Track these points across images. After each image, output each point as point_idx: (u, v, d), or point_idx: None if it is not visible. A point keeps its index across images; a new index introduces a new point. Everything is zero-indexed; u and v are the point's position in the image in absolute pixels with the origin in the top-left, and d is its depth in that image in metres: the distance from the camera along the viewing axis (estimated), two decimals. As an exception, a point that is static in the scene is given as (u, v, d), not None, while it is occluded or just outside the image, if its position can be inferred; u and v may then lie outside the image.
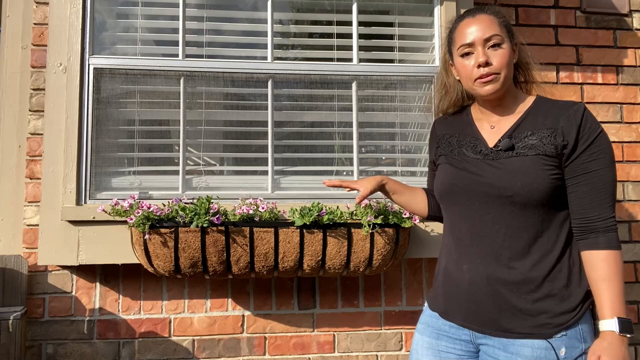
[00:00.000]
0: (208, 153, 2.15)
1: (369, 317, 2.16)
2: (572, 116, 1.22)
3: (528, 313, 1.20)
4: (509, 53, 1.28)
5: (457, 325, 1.30)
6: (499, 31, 1.27)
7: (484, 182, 1.26)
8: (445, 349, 1.31)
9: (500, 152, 1.27)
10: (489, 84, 1.27)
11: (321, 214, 1.81)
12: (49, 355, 1.99)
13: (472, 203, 1.28)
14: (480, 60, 1.26)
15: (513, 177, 1.22)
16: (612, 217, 1.21)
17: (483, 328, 1.25)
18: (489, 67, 1.26)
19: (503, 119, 1.33)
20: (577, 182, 1.21)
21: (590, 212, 1.20)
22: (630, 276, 2.35)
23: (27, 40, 2.08)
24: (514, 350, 1.19)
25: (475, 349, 1.29)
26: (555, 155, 1.21)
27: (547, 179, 1.20)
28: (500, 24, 1.30)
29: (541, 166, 1.21)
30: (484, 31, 1.27)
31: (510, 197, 1.22)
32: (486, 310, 1.24)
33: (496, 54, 1.26)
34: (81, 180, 1.97)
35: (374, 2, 2.27)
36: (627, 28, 2.48)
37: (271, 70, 2.13)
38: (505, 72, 1.27)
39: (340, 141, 2.20)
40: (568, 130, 1.21)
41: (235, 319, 2.09)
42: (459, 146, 1.36)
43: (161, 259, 1.78)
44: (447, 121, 1.47)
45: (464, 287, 1.27)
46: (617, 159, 2.39)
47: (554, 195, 1.22)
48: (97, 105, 2.03)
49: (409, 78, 2.23)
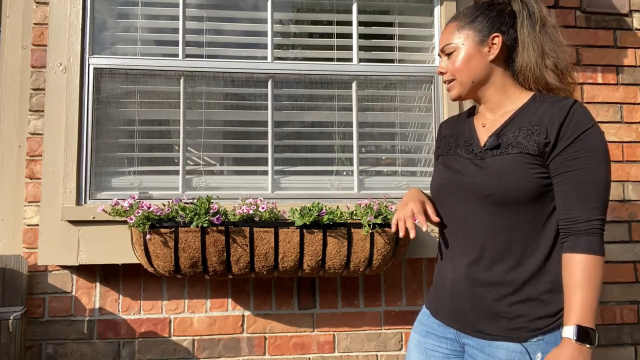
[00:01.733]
0: (208, 153, 2.15)
1: (369, 317, 2.16)
2: (557, 112, 1.17)
3: (504, 315, 1.18)
4: (463, 56, 1.28)
5: (443, 324, 1.31)
6: (454, 38, 1.30)
7: (466, 182, 1.26)
8: (431, 347, 1.33)
9: (487, 151, 1.25)
10: (450, 90, 1.34)
11: (321, 214, 1.81)
12: (49, 355, 1.99)
13: (457, 203, 1.28)
14: (437, 70, 1.36)
15: (492, 176, 1.21)
16: (598, 220, 1.13)
17: (463, 328, 1.25)
18: (444, 75, 1.34)
19: (496, 118, 1.31)
20: (559, 181, 1.16)
21: (572, 213, 1.15)
22: (630, 276, 2.34)
23: (27, 40, 2.08)
24: (490, 352, 1.19)
25: (461, 347, 1.29)
26: (538, 153, 1.17)
27: (529, 177, 1.17)
28: (458, 29, 1.30)
29: (523, 165, 1.18)
30: (442, 42, 1.34)
31: (489, 196, 1.20)
32: (465, 311, 1.24)
33: (449, 61, 1.31)
34: (81, 180, 1.97)
35: (374, 2, 2.27)
36: (627, 28, 2.48)
37: (271, 70, 2.13)
38: (462, 76, 1.29)
39: (340, 141, 2.20)
40: (551, 126, 1.16)
41: (235, 319, 2.09)
42: (455, 146, 1.36)
43: (161, 259, 1.78)
44: (453, 122, 1.47)
45: (448, 287, 1.28)
46: (617, 159, 2.39)
47: (538, 195, 1.18)
48: (97, 105, 2.03)
49: (409, 78, 2.23)
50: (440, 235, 1.36)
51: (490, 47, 1.27)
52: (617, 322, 2.31)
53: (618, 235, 2.35)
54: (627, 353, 2.31)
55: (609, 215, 2.35)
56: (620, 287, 2.33)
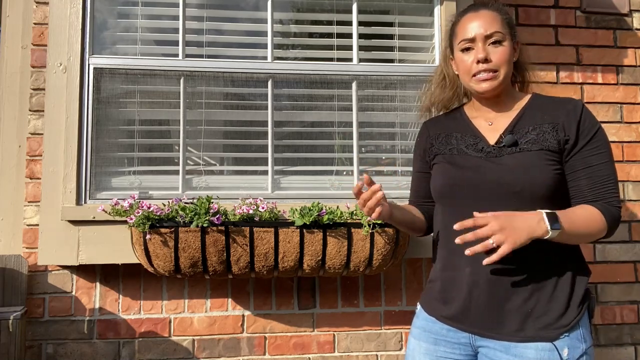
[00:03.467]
0: (208, 153, 2.15)
1: (369, 317, 2.16)
2: (571, 111, 1.24)
3: (532, 315, 1.18)
4: (509, 51, 1.28)
5: (455, 329, 1.28)
6: (501, 28, 1.27)
7: (489, 180, 1.24)
8: (443, 354, 1.29)
9: (502, 148, 1.26)
10: (486, 81, 1.27)
11: (321, 213, 1.81)
12: (49, 355, 1.99)
13: (476, 202, 1.24)
14: (480, 56, 1.26)
15: (518, 172, 1.22)
16: (618, 207, 1.21)
17: (483, 331, 1.23)
18: (488, 63, 1.26)
19: (500, 115, 1.32)
20: (578, 177, 1.22)
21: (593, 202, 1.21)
22: (630, 276, 2.34)
23: (27, 40, 2.08)
24: (517, 353, 1.18)
25: (474, 352, 1.28)
26: (558, 150, 1.22)
27: (550, 173, 1.21)
28: (502, 21, 1.29)
29: (545, 161, 1.22)
30: (486, 27, 1.27)
31: (518, 192, 1.20)
32: (487, 314, 1.22)
33: (496, 51, 1.27)
34: (81, 180, 1.97)
35: (374, 2, 2.27)
36: (627, 28, 2.48)
37: (271, 70, 2.13)
38: (505, 70, 1.27)
39: (340, 141, 2.20)
40: (569, 125, 1.22)
41: (235, 318, 2.09)
42: (458, 145, 1.34)
43: (161, 259, 1.78)
44: (440, 121, 1.46)
45: (464, 291, 1.25)
46: (617, 159, 2.39)
47: (556, 191, 1.22)
48: (97, 105, 2.03)
49: (409, 78, 2.23)
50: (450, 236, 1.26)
51: (515, 48, 1.34)
52: (617, 322, 2.31)
53: (618, 235, 2.35)
54: (627, 353, 2.31)
55: (609, 215, 2.35)
56: (620, 287, 2.33)
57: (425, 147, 1.45)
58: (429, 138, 1.44)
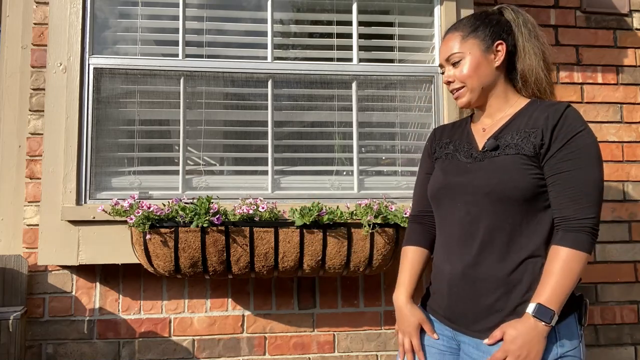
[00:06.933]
0: (208, 153, 2.15)
1: (369, 317, 2.16)
2: (551, 116, 1.23)
3: (501, 312, 1.21)
4: (472, 64, 1.32)
5: (439, 321, 1.35)
6: (459, 48, 1.33)
7: (465, 183, 1.29)
8: (428, 343, 1.36)
9: (486, 153, 1.30)
10: (458, 98, 1.37)
11: (321, 213, 1.82)
12: (49, 355, 1.99)
13: (455, 204, 1.31)
14: (444, 80, 1.39)
15: (491, 175, 1.25)
16: (589, 219, 1.17)
17: (460, 327, 1.28)
18: (452, 84, 1.36)
19: (495, 121, 1.35)
20: (552, 182, 1.21)
21: (565, 212, 1.18)
22: (631, 276, 2.34)
23: (27, 40, 2.08)
24: (486, 350, 1.20)
25: (457, 345, 1.32)
26: (534, 155, 1.22)
27: (525, 177, 1.21)
28: (462, 38, 1.34)
29: (519, 165, 1.22)
30: (445, 53, 1.37)
31: (488, 194, 1.24)
32: (462, 310, 1.27)
33: (457, 70, 1.35)
34: (81, 180, 1.97)
35: (374, 2, 2.27)
36: (627, 28, 2.48)
37: (271, 70, 2.13)
38: (472, 82, 1.32)
39: (340, 141, 2.20)
40: (546, 130, 1.22)
41: (235, 318, 2.09)
42: (454, 151, 1.40)
43: (161, 259, 1.78)
44: (447, 128, 1.51)
45: (445, 286, 1.31)
46: (617, 159, 2.39)
47: (534, 195, 1.21)
48: (97, 105, 2.03)
49: (409, 78, 2.23)
50: (439, 235, 1.39)
51: (495, 54, 1.33)
52: (617, 322, 2.31)
53: (618, 235, 2.35)
54: (627, 353, 2.31)
55: (609, 215, 2.35)
56: (620, 287, 2.33)
57: (430, 152, 1.50)
58: (434, 143, 1.49)
